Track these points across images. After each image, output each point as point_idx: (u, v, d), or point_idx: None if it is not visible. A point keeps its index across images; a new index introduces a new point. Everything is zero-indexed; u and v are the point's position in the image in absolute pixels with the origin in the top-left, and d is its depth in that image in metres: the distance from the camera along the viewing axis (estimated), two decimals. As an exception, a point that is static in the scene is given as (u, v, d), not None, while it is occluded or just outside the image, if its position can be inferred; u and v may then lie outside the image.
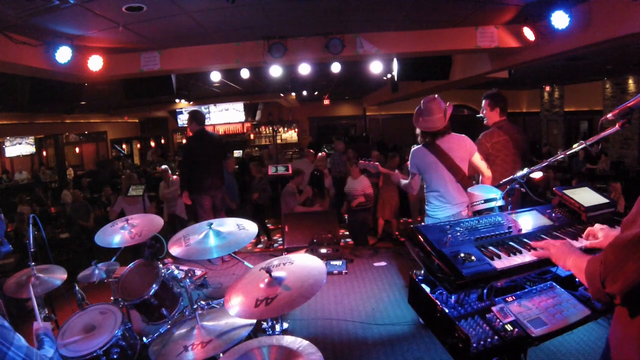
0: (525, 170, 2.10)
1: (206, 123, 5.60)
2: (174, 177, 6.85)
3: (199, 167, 5.19)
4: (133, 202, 5.75)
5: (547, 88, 15.10)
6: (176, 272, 2.99)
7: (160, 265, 2.91)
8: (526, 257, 1.58)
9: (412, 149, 3.34)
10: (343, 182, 6.94)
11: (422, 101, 3.22)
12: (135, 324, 2.87)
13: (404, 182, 3.54)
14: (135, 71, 5.76)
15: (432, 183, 3.26)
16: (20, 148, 14.42)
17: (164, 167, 7.27)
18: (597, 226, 1.59)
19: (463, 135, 3.28)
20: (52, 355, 1.50)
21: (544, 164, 2.04)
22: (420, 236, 1.60)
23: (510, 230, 1.76)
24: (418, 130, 3.31)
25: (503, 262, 1.53)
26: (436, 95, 3.24)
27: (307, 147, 14.05)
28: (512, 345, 1.42)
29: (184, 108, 15.41)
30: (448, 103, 3.26)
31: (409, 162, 3.37)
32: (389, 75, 8.76)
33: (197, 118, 5.39)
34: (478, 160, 3.25)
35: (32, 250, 2.79)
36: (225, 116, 16.37)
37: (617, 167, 10.55)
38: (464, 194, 3.13)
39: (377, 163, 3.91)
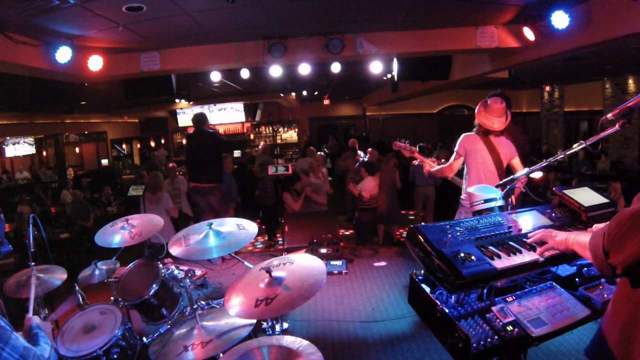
0: (525, 170, 2.10)
1: (205, 123, 5.59)
2: (180, 176, 6.88)
3: (192, 167, 5.23)
4: (154, 201, 5.66)
5: (547, 88, 15.10)
6: (176, 272, 2.98)
7: (160, 265, 2.91)
8: (526, 257, 1.58)
9: (464, 134, 3.46)
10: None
11: (491, 100, 3.31)
12: (135, 324, 2.87)
13: (436, 167, 3.66)
14: (135, 71, 5.76)
15: (476, 169, 3.36)
16: (20, 148, 14.42)
17: (171, 164, 7.29)
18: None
19: (509, 140, 3.44)
20: (49, 354, 1.46)
21: (544, 164, 2.04)
22: (420, 236, 1.60)
23: (510, 230, 1.76)
24: (476, 122, 3.42)
25: (503, 262, 1.53)
26: (502, 100, 3.31)
27: (304, 146, 14.01)
28: (512, 345, 1.42)
29: (184, 108, 15.40)
30: (508, 112, 3.37)
31: (456, 146, 3.47)
32: (389, 75, 8.75)
33: (195, 121, 5.43)
34: (518, 163, 3.40)
35: (32, 250, 2.79)
36: (225, 116, 16.37)
37: (617, 167, 10.55)
38: None
39: (414, 148, 3.97)
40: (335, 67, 6.77)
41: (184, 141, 16.03)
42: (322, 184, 6.75)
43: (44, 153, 16.04)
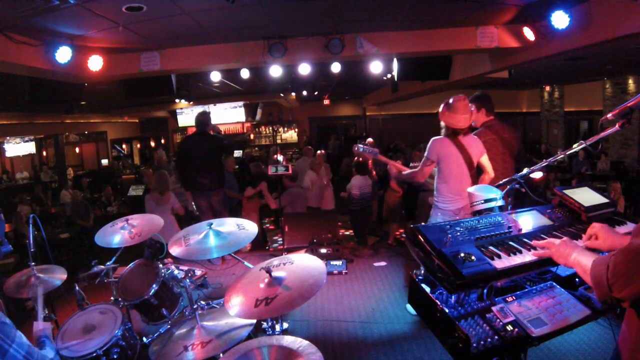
0: (525, 170, 2.10)
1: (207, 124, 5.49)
2: None
3: (192, 168, 5.19)
4: (163, 202, 5.59)
5: (547, 88, 15.10)
6: (176, 272, 2.98)
7: (160, 265, 2.91)
8: (526, 257, 1.58)
9: (433, 139, 3.43)
10: (384, 179, 6.84)
11: (453, 98, 3.33)
12: (135, 324, 2.87)
13: (407, 171, 3.62)
14: (135, 71, 5.75)
15: (449, 174, 3.34)
16: (20, 148, 14.42)
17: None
18: (597, 225, 1.58)
19: (476, 137, 3.45)
20: (53, 357, 1.51)
21: (544, 164, 2.04)
22: (420, 236, 1.60)
23: (510, 230, 1.76)
24: (443, 124, 3.41)
25: (503, 262, 1.53)
26: (465, 97, 3.35)
27: (304, 144, 13.98)
28: (512, 345, 1.42)
29: (184, 108, 15.41)
30: (473, 106, 3.43)
31: (426, 151, 3.43)
32: (389, 75, 8.75)
33: (196, 120, 5.40)
34: (486, 160, 3.41)
35: (32, 250, 2.79)
36: (225, 116, 16.37)
37: (617, 167, 10.55)
38: None
39: (376, 149, 3.96)
40: (335, 67, 6.77)
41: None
42: (323, 184, 6.73)
43: (44, 153, 16.05)
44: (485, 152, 3.42)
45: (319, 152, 7.51)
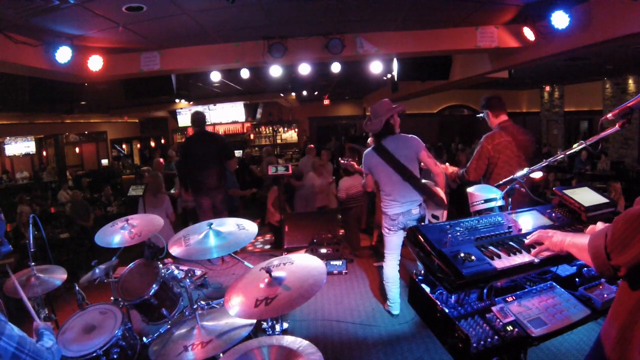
0: (525, 170, 2.10)
1: (206, 123, 5.49)
2: None
3: (195, 168, 5.18)
4: (158, 204, 5.54)
5: (547, 88, 15.10)
6: (176, 272, 2.99)
7: (160, 265, 2.91)
8: (526, 257, 1.57)
9: (364, 152, 3.56)
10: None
11: (371, 106, 3.47)
12: (135, 324, 2.88)
13: (363, 181, 3.77)
14: (135, 71, 5.75)
15: (380, 183, 3.49)
16: (20, 148, 14.42)
17: None
18: (599, 224, 1.59)
19: (411, 135, 3.46)
20: (51, 346, 1.51)
21: (544, 164, 2.04)
22: (420, 236, 1.60)
23: (510, 230, 1.75)
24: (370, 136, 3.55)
25: (503, 261, 1.53)
26: (385, 100, 3.45)
27: (304, 145, 13.97)
28: (512, 345, 1.42)
29: (184, 108, 15.39)
30: (397, 105, 3.46)
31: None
32: (389, 75, 8.75)
33: (194, 121, 5.39)
34: (425, 157, 3.42)
35: (32, 250, 2.79)
36: (225, 116, 16.37)
37: (617, 167, 10.55)
38: (413, 192, 3.36)
39: (353, 162, 4.06)
40: (335, 67, 6.77)
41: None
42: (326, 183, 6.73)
43: (44, 153, 16.04)
44: (423, 150, 3.39)
45: (323, 151, 7.51)
